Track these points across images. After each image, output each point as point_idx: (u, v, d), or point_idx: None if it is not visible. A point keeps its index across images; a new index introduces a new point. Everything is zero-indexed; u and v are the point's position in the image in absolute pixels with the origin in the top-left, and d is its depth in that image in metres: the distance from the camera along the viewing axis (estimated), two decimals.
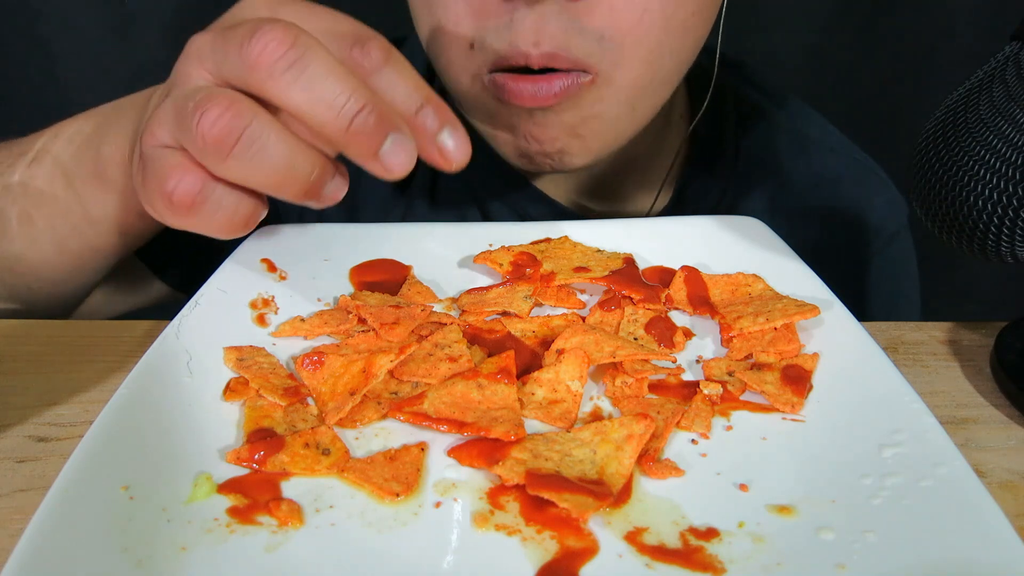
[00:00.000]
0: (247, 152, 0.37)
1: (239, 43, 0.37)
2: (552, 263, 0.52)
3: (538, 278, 0.51)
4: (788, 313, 0.45)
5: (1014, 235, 0.42)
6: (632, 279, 0.50)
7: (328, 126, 0.37)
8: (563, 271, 0.51)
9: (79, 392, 0.46)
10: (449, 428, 0.39)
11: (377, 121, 0.38)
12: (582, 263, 0.52)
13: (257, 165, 0.37)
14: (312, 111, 0.37)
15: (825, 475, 0.36)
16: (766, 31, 1.13)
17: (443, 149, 0.41)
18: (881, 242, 0.74)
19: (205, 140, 0.36)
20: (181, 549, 0.32)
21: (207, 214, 0.38)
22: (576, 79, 0.53)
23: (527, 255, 0.52)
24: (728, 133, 0.74)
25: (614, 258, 0.53)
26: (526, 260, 0.52)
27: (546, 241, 0.54)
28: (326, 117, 0.37)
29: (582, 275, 0.51)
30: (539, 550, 0.33)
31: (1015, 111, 0.41)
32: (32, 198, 0.54)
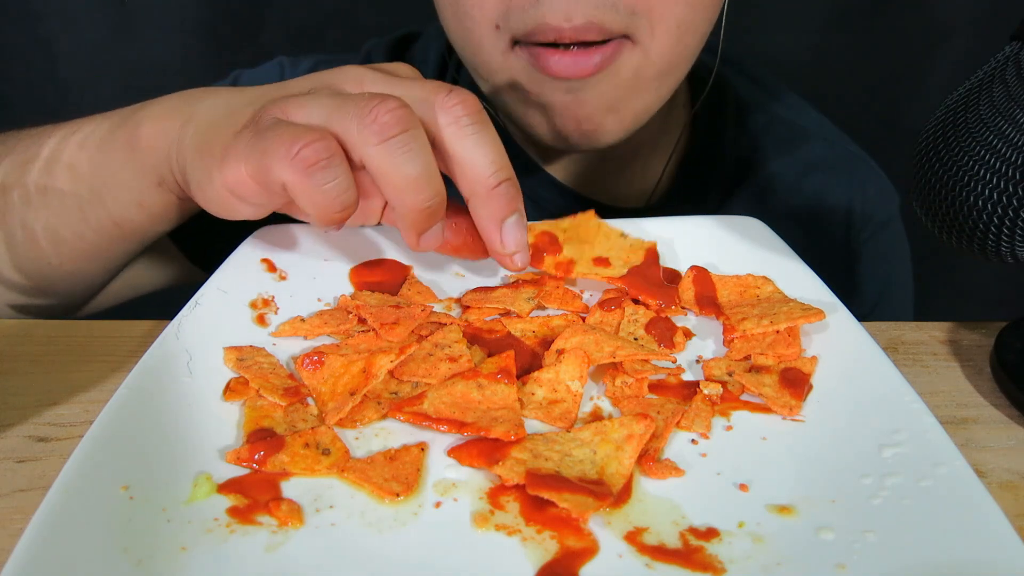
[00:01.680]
0: (401, 147, 0.41)
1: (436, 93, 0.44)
2: (573, 247, 0.51)
3: (552, 272, 0.50)
4: (793, 317, 0.45)
5: (1014, 235, 0.42)
6: (650, 281, 0.50)
7: (481, 180, 0.44)
8: (583, 260, 0.51)
9: (79, 392, 0.46)
10: (449, 428, 0.39)
11: (516, 194, 0.45)
12: (604, 252, 0.52)
13: (402, 162, 0.41)
14: (474, 163, 0.44)
15: (825, 475, 0.36)
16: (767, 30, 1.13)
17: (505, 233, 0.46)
18: (873, 229, 0.76)
19: (376, 120, 0.40)
20: (181, 549, 0.32)
21: (319, 181, 0.40)
22: (617, 45, 0.55)
23: (548, 236, 0.51)
24: (726, 124, 0.75)
25: (636, 248, 0.52)
26: (546, 242, 0.51)
27: (572, 218, 0.53)
28: (483, 172, 0.44)
29: (600, 271, 0.50)
30: (539, 550, 0.33)
31: (1015, 111, 0.41)
32: (52, 204, 0.54)
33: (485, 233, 0.45)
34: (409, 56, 0.80)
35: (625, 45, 0.55)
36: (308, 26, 1.15)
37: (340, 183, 0.41)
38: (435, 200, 0.43)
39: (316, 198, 0.41)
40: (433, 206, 0.43)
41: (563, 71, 0.55)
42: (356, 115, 0.41)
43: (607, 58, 0.54)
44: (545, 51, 0.54)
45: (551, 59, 0.54)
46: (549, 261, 0.50)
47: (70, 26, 1.06)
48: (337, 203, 0.41)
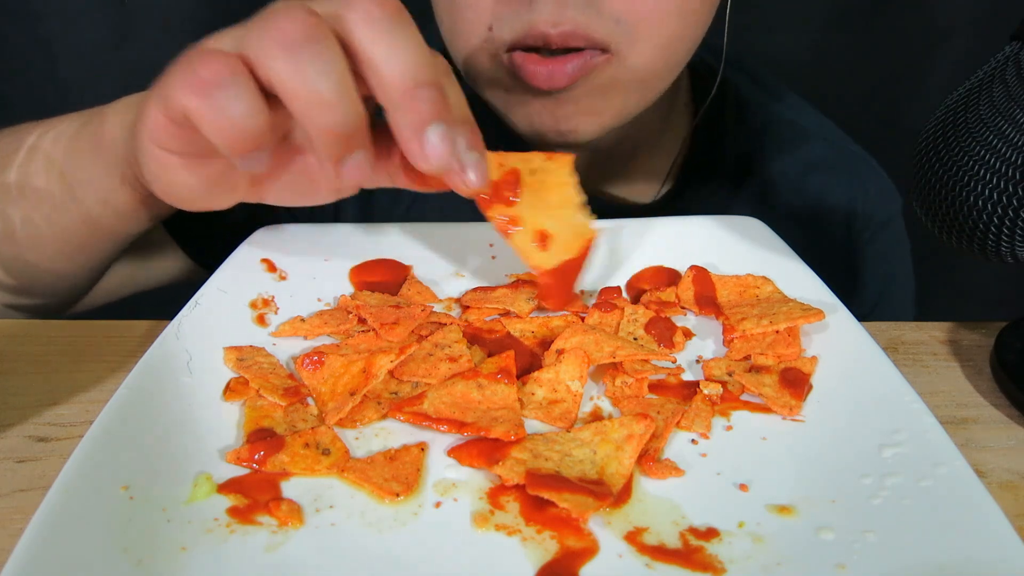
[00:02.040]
0: (308, 58, 0.36)
1: None
2: (527, 202, 0.46)
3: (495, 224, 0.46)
4: (792, 317, 0.45)
5: (1014, 235, 0.42)
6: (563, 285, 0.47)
7: (395, 84, 0.38)
8: (529, 223, 0.46)
9: (79, 392, 0.46)
10: (449, 428, 0.39)
11: (441, 101, 0.38)
12: (552, 224, 0.47)
13: (309, 74, 0.37)
14: (388, 64, 0.38)
15: (825, 475, 0.36)
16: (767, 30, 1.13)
17: (462, 163, 0.41)
18: (874, 229, 0.76)
19: (278, 28, 0.37)
20: (181, 549, 0.32)
21: (219, 102, 0.37)
22: (590, 57, 0.55)
23: (515, 176, 0.46)
24: (726, 124, 0.75)
25: (579, 234, 0.47)
26: (508, 183, 0.46)
27: (549, 157, 0.48)
28: (396, 73, 0.38)
29: (533, 253, 0.46)
30: (539, 550, 0.33)
31: (1015, 111, 0.41)
32: (30, 198, 0.54)
33: (405, 146, 0.39)
34: None
35: (598, 60, 0.55)
36: None
37: (245, 105, 0.37)
38: (350, 120, 0.38)
39: (217, 122, 0.37)
40: (349, 127, 0.38)
41: (541, 83, 0.55)
42: (258, 29, 0.37)
43: (579, 68, 0.55)
44: (527, 60, 0.55)
45: (530, 69, 0.55)
46: (496, 211, 0.46)
47: (70, 26, 1.06)
48: (242, 127, 0.37)
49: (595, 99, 0.58)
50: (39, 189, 0.54)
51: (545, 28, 0.53)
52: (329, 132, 0.38)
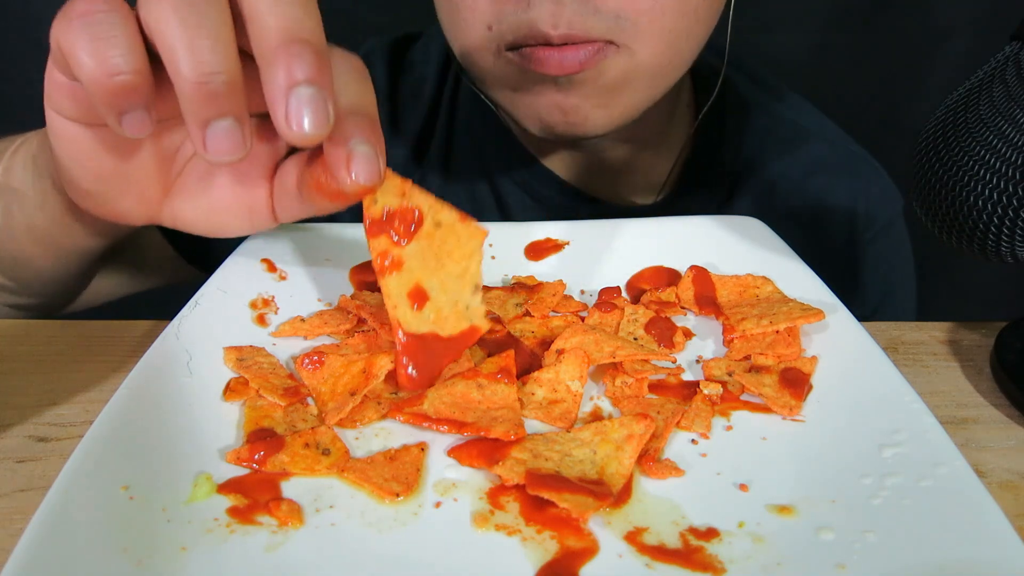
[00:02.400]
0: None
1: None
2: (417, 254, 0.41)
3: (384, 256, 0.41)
4: (792, 317, 0.45)
5: (1014, 235, 0.42)
6: (421, 355, 0.41)
7: (267, 36, 0.35)
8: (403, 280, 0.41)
9: (79, 392, 0.46)
10: (449, 428, 0.39)
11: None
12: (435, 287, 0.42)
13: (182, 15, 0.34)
14: (271, 13, 0.35)
15: (825, 475, 0.36)
16: (767, 30, 1.13)
17: (351, 156, 0.37)
18: (876, 230, 0.76)
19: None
20: (181, 549, 0.32)
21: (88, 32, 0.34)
22: (601, 46, 0.55)
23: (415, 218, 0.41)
24: (728, 124, 0.75)
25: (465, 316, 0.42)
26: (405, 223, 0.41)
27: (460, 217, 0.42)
28: (271, 25, 0.35)
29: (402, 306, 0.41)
30: (539, 550, 0.33)
31: (1015, 111, 0.41)
32: (11, 191, 0.53)
33: (271, 109, 0.35)
34: (410, 56, 0.80)
35: (609, 50, 0.55)
36: None
37: (116, 40, 0.34)
38: (218, 77, 0.34)
39: (84, 55, 0.34)
40: (215, 85, 0.34)
41: (551, 68, 0.55)
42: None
43: (591, 56, 0.55)
44: (535, 49, 0.55)
45: (540, 54, 0.55)
46: (379, 244, 0.40)
47: None
48: (111, 63, 0.34)
49: (605, 93, 0.58)
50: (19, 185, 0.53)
51: (545, 28, 0.53)
52: (194, 83, 0.34)
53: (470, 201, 0.76)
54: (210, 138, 0.35)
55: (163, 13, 0.34)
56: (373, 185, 0.38)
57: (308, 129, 0.34)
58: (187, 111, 0.35)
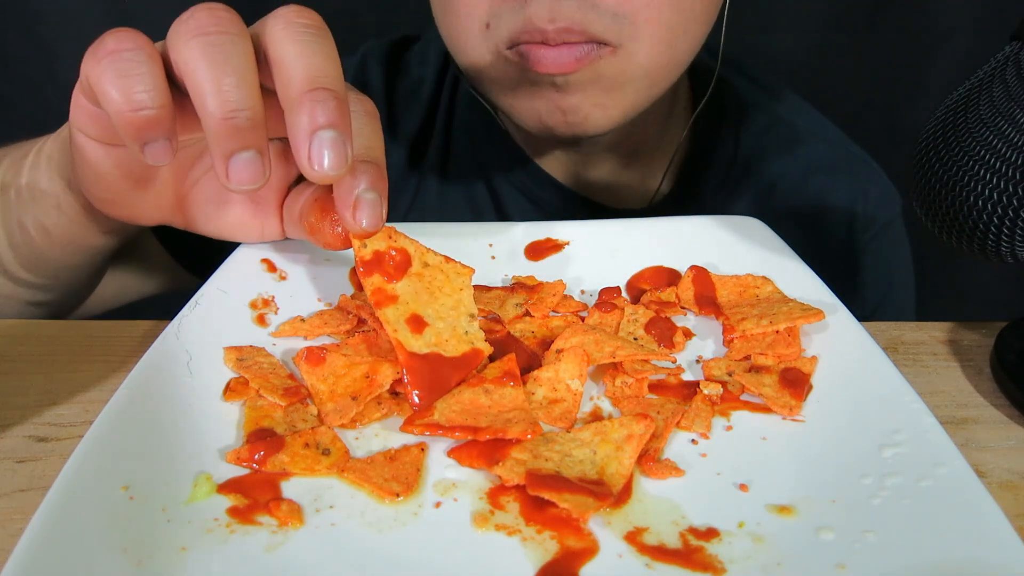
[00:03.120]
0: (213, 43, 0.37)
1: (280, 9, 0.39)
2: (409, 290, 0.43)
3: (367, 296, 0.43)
4: (792, 317, 0.45)
5: (1014, 235, 0.42)
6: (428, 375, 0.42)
7: (295, 83, 0.37)
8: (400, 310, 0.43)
9: (79, 392, 0.46)
10: (464, 435, 0.38)
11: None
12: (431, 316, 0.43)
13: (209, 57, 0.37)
14: (292, 65, 0.37)
15: (825, 475, 0.36)
16: (767, 31, 1.13)
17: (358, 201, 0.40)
18: (875, 231, 0.76)
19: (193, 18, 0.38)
20: (181, 549, 0.32)
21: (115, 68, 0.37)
22: (595, 48, 0.55)
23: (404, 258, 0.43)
24: (727, 125, 0.75)
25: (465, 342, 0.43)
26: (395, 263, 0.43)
27: (446, 259, 0.45)
28: (298, 74, 0.37)
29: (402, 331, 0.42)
30: (539, 550, 0.33)
31: (1015, 111, 0.41)
32: (30, 191, 0.54)
33: (295, 150, 0.38)
34: (407, 58, 0.80)
35: (604, 51, 0.55)
36: None
37: (142, 76, 0.37)
38: (243, 113, 0.37)
39: (112, 89, 0.37)
40: (239, 120, 0.37)
41: (548, 66, 0.55)
42: (177, 22, 0.38)
43: (585, 55, 0.55)
44: (531, 47, 0.55)
45: (538, 53, 0.55)
46: (376, 280, 0.42)
47: (70, 26, 1.06)
48: (136, 98, 0.36)
49: (603, 93, 0.58)
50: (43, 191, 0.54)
51: (542, 24, 0.53)
52: (219, 119, 0.37)
53: (468, 203, 0.76)
54: (233, 169, 0.38)
55: (192, 53, 0.37)
56: (375, 230, 0.41)
57: (328, 169, 0.37)
58: (213, 144, 0.38)
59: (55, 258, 0.57)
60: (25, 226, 0.55)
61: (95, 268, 0.62)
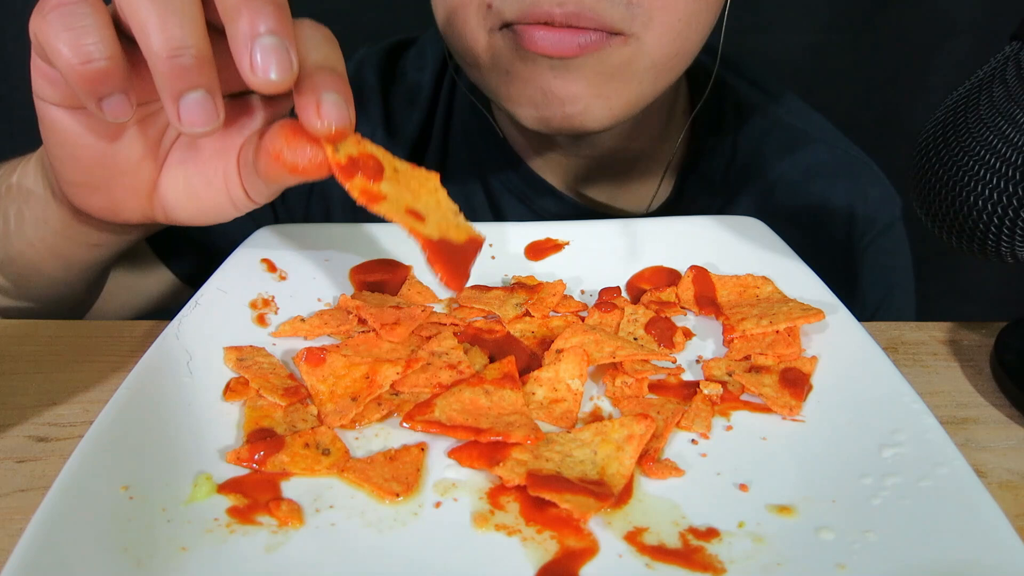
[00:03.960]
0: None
1: None
2: (393, 187, 0.42)
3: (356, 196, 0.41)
4: (792, 317, 0.45)
5: (1014, 235, 0.42)
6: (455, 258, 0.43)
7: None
8: (395, 202, 0.42)
9: (79, 392, 0.46)
10: (465, 435, 0.38)
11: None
12: (423, 210, 0.43)
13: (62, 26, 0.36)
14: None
15: (825, 475, 0.36)
16: (766, 31, 1.13)
17: (320, 104, 0.39)
18: (874, 233, 0.75)
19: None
20: (181, 549, 0.32)
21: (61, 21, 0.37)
22: (603, 36, 0.53)
23: (375, 161, 0.42)
24: (726, 128, 0.75)
25: (462, 231, 0.44)
26: (369, 165, 0.42)
27: (412, 167, 0.45)
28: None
29: (409, 220, 0.42)
30: (539, 550, 0.33)
31: (1015, 111, 0.41)
32: (23, 197, 0.54)
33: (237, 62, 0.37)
34: (403, 63, 0.79)
35: (615, 41, 0.53)
36: None
37: (89, 30, 0.36)
38: (188, 51, 0.36)
39: (60, 44, 0.36)
40: (185, 59, 0.36)
41: (547, 47, 0.53)
42: None
43: (592, 43, 0.53)
44: (530, 27, 0.53)
45: (536, 33, 0.53)
46: (358, 182, 0.41)
47: None
48: (85, 50, 0.36)
49: (607, 82, 0.56)
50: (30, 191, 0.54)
51: (548, 7, 0.51)
52: (165, 58, 0.36)
53: (466, 210, 0.75)
54: (183, 110, 0.38)
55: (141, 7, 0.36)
56: (343, 128, 0.39)
57: (273, 75, 0.37)
58: (161, 86, 0.37)
59: (47, 273, 0.56)
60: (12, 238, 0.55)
61: (87, 283, 0.61)
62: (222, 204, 0.48)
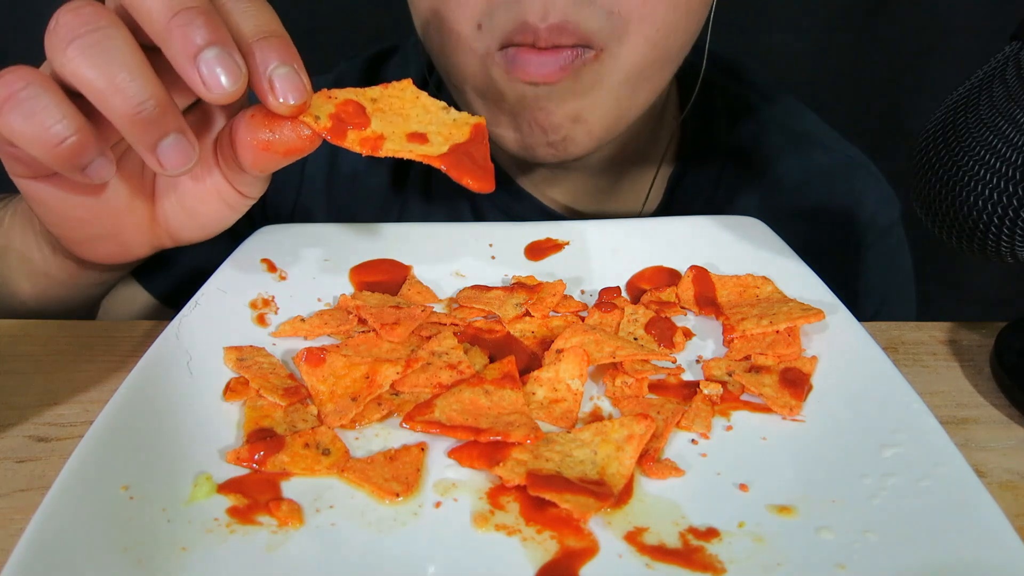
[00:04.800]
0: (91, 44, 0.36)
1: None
2: (383, 121, 0.43)
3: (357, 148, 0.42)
4: (792, 316, 0.45)
5: (1014, 235, 0.42)
6: (475, 162, 0.43)
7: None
8: (395, 136, 0.43)
9: (79, 392, 0.46)
10: (465, 435, 0.38)
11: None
12: (421, 126, 0.44)
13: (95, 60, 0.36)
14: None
15: (825, 475, 0.36)
16: (766, 31, 1.13)
17: (272, 81, 0.39)
18: (873, 236, 0.75)
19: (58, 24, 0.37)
20: (181, 549, 0.32)
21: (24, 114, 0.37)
22: (580, 53, 0.53)
23: (354, 105, 0.43)
24: (718, 131, 0.74)
25: (461, 123, 0.45)
26: (351, 113, 0.42)
27: (383, 86, 0.45)
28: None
29: (416, 148, 0.43)
30: (539, 550, 0.33)
31: (1015, 111, 0.41)
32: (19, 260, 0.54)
33: (186, 80, 0.37)
34: (384, 73, 0.78)
35: (587, 57, 0.54)
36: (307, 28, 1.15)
37: (49, 111, 0.36)
38: (148, 103, 0.37)
39: (28, 135, 0.37)
40: (148, 111, 0.37)
41: (533, 72, 0.54)
42: (48, 34, 0.37)
43: (569, 60, 0.53)
44: (519, 50, 0.54)
45: (522, 58, 0.54)
46: (353, 136, 0.42)
47: None
48: (52, 132, 0.36)
49: (581, 103, 0.56)
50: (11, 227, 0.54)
51: (535, 21, 0.52)
52: (130, 117, 0.37)
53: (469, 208, 0.75)
54: (162, 157, 0.39)
55: (73, 63, 0.36)
56: (304, 101, 0.39)
57: (226, 85, 0.37)
58: (133, 141, 0.38)
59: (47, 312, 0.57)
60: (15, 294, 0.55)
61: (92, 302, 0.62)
62: (220, 211, 0.49)
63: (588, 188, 0.72)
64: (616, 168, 0.71)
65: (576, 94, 0.56)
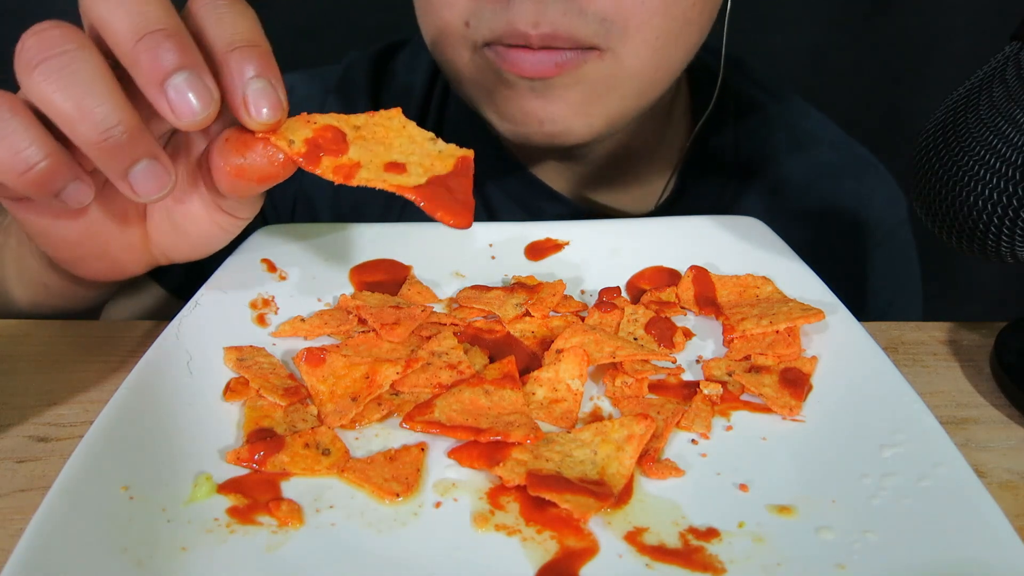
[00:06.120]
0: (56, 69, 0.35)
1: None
2: (363, 149, 0.41)
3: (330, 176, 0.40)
4: (792, 317, 0.45)
5: (1014, 235, 0.42)
6: (453, 195, 0.41)
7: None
8: (371, 165, 0.41)
9: (79, 392, 0.46)
10: (465, 435, 0.38)
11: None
12: (401, 157, 0.42)
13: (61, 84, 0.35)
14: (112, 20, 0.35)
15: (825, 475, 0.36)
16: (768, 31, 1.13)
17: (246, 97, 0.37)
18: (881, 236, 0.75)
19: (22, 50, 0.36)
20: (181, 549, 0.32)
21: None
22: (580, 53, 0.53)
23: (333, 131, 0.41)
24: (728, 129, 0.74)
25: (446, 156, 0.42)
26: (328, 139, 0.41)
27: (369, 114, 0.43)
28: (124, 29, 0.35)
29: (391, 178, 0.40)
30: (539, 550, 0.33)
31: (1015, 111, 0.41)
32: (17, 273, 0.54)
33: (155, 105, 0.36)
34: (394, 66, 0.78)
35: (591, 56, 0.53)
36: (307, 27, 1.15)
37: (19, 136, 0.35)
38: (117, 129, 0.35)
39: None
40: (116, 137, 0.35)
41: (526, 69, 0.53)
42: (15, 58, 0.36)
43: (569, 61, 0.53)
44: (509, 50, 0.53)
45: (516, 56, 0.53)
46: (327, 163, 0.40)
47: None
48: (23, 157, 0.35)
49: (588, 100, 0.56)
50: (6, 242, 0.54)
51: (524, 28, 0.51)
52: (97, 143, 0.35)
53: None
54: (135, 184, 0.37)
55: (43, 91, 0.35)
56: (278, 118, 0.38)
57: (197, 112, 0.35)
58: (104, 168, 0.36)
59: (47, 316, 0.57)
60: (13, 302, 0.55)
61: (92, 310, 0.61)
62: (212, 232, 0.47)
63: (598, 179, 0.72)
64: (622, 163, 0.71)
65: (584, 94, 0.55)
